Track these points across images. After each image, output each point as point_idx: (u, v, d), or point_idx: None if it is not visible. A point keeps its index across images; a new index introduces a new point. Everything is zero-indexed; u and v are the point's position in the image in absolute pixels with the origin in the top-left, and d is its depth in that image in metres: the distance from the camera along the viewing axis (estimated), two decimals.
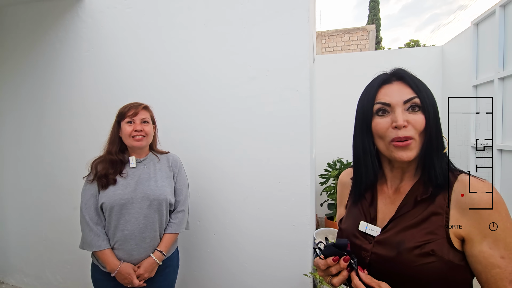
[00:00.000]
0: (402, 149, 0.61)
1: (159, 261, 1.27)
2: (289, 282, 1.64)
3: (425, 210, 0.61)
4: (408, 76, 0.65)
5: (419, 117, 0.61)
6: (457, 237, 0.58)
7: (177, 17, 1.76)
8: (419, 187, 0.64)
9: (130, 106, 1.31)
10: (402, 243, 0.60)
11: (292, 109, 1.57)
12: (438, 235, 0.58)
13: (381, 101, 0.64)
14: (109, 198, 1.22)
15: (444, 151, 0.63)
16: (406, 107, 0.62)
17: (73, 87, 2.04)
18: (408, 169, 0.68)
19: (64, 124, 2.09)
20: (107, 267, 1.21)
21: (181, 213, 1.38)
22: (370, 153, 0.68)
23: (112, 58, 1.92)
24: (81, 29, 1.99)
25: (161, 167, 1.38)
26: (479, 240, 0.56)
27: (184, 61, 1.76)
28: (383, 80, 0.67)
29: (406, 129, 0.61)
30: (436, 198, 0.61)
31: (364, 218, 0.70)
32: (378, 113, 0.65)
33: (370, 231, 0.67)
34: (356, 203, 0.74)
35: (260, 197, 1.66)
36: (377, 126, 0.65)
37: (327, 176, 3.49)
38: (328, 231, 2.51)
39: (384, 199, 0.70)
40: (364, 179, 0.70)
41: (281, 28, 1.57)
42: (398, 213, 0.65)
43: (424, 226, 0.60)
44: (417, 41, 19.28)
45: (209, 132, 1.74)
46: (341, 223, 0.78)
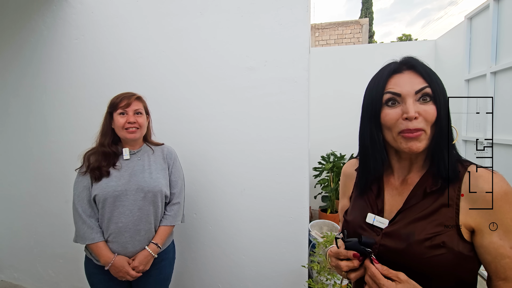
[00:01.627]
0: (411, 140, 0.60)
1: (154, 253, 1.24)
2: (285, 274, 1.65)
3: (435, 202, 0.61)
4: (420, 64, 0.62)
5: (430, 108, 0.59)
6: (467, 228, 0.58)
7: (172, 4, 1.70)
8: (428, 179, 0.63)
9: (123, 96, 1.26)
10: (412, 235, 0.59)
11: (290, 100, 1.55)
12: (448, 227, 0.58)
13: (392, 90, 0.62)
14: (102, 190, 1.19)
15: (454, 142, 0.62)
16: (417, 98, 0.60)
17: (62, 77, 1.96)
18: (416, 160, 0.67)
19: (53, 114, 2.01)
20: (101, 260, 1.19)
21: (177, 206, 1.36)
22: (379, 144, 0.66)
23: (104, 46, 1.85)
24: (70, 15, 1.90)
25: (155, 159, 1.35)
26: (489, 231, 0.56)
27: (179, 50, 1.71)
28: (393, 69, 0.64)
29: (417, 120, 0.59)
30: (446, 189, 0.60)
31: (371, 210, 0.69)
32: (388, 104, 0.63)
33: (377, 223, 0.66)
34: (362, 195, 0.73)
35: (258, 190, 1.65)
36: (386, 117, 0.63)
37: (321, 169, 3.51)
38: (322, 223, 2.54)
39: (391, 190, 0.69)
40: (372, 171, 0.69)
41: (280, 18, 1.53)
42: (407, 204, 0.64)
43: (434, 218, 0.59)
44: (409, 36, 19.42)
45: (205, 123, 1.70)
46: (346, 214, 0.77)
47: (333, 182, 3.44)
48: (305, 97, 1.54)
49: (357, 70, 3.78)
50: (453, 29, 3.23)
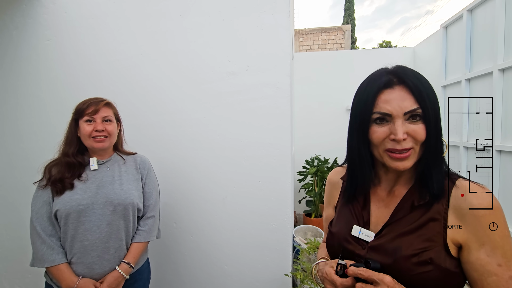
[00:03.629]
0: (398, 161, 0.58)
1: (126, 274, 1.11)
2: (269, 283, 1.61)
3: (423, 216, 0.59)
4: (411, 80, 0.58)
5: (419, 127, 0.57)
6: (454, 244, 0.57)
7: (150, 6, 1.64)
8: (416, 192, 0.62)
9: (90, 102, 1.15)
10: (399, 250, 0.57)
11: (272, 106, 1.53)
12: (435, 242, 0.56)
13: (381, 111, 0.59)
14: (64, 204, 1.07)
15: (443, 155, 0.61)
16: (407, 117, 0.58)
17: (33, 80, 1.84)
18: (403, 172, 0.65)
19: (24, 120, 1.89)
20: (63, 285, 1.04)
21: (151, 220, 1.25)
22: (366, 159, 0.64)
23: (79, 48, 1.76)
24: (41, 15, 1.80)
25: (127, 169, 1.24)
26: (476, 247, 0.55)
27: (157, 53, 1.65)
28: (384, 83, 0.60)
29: (405, 141, 0.57)
30: (434, 203, 0.59)
31: (357, 222, 0.67)
32: (376, 121, 0.60)
33: (363, 236, 0.64)
34: (348, 205, 0.71)
35: (240, 197, 1.61)
36: (374, 134, 0.61)
37: (305, 173, 3.52)
38: (307, 228, 2.52)
39: (377, 202, 0.68)
40: (359, 183, 0.67)
41: (262, 23, 1.52)
42: (394, 218, 0.62)
43: (421, 233, 0.58)
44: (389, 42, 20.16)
45: (185, 129, 1.65)
46: (331, 225, 0.74)
47: (317, 186, 3.45)
48: (287, 102, 1.52)
49: (340, 75, 3.84)
50: (430, 37, 3.35)
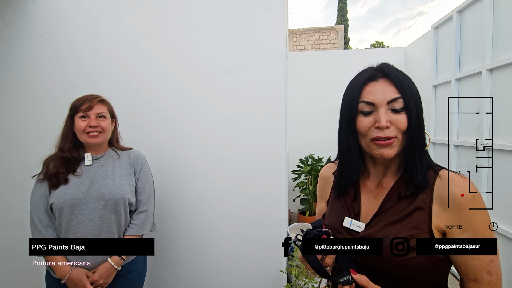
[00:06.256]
0: (383, 147, 0.62)
1: (117, 266, 1.17)
2: (264, 279, 1.63)
3: (409, 205, 0.62)
4: (393, 73, 0.63)
5: (402, 117, 0.61)
6: (438, 231, 0.60)
7: (145, 3, 1.64)
8: (402, 183, 0.65)
9: (84, 99, 1.21)
10: (387, 239, 0.60)
11: (267, 104, 1.55)
12: (421, 230, 0.60)
13: (365, 100, 0.63)
14: (59, 198, 1.13)
15: (425, 148, 0.64)
16: (390, 107, 0.62)
17: (25, 78, 1.82)
18: (390, 164, 0.69)
19: (16, 118, 1.86)
20: (57, 273, 1.11)
21: (144, 214, 1.29)
22: (355, 150, 0.67)
23: (72, 46, 1.74)
24: (34, 11, 1.77)
25: (120, 165, 1.28)
26: (459, 233, 0.58)
27: (152, 51, 1.65)
28: (368, 76, 0.65)
29: (388, 129, 0.61)
30: (419, 193, 0.62)
31: (348, 214, 0.70)
32: (362, 112, 0.64)
33: (354, 227, 0.67)
34: (339, 198, 0.74)
35: (235, 195, 1.62)
36: (360, 124, 0.64)
37: (300, 172, 3.55)
38: (301, 226, 2.55)
39: (367, 194, 0.71)
40: (349, 175, 0.70)
41: (257, 22, 1.53)
42: (382, 208, 0.65)
43: (408, 221, 0.61)
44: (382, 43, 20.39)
45: (180, 127, 1.65)
46: (323, 218, 0.78)
47: (311, 184, 3.48)
48: (282, 101, 1.54)
49: (333, 74, 3.88)
50: (421, 37, 3.41)
